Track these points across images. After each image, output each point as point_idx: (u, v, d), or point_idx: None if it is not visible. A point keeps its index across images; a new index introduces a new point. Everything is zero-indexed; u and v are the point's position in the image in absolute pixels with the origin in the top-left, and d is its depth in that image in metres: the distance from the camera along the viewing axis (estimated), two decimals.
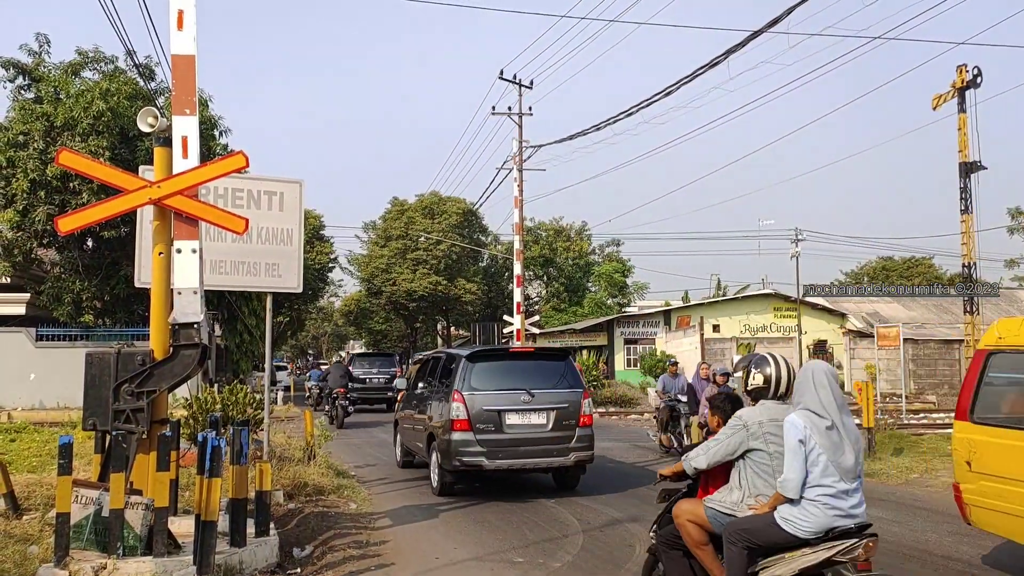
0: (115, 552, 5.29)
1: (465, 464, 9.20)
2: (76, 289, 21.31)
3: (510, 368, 10.14)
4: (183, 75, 6.13)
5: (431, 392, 10.66)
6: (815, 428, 4.01)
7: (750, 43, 17.69)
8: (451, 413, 9.37)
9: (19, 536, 6.48)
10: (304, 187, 9.25)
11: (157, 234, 6.01)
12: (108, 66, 22.47)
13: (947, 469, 11.26)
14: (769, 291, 40.21)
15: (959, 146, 22.45)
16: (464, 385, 9.49)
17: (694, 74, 20.08)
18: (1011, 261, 46.97)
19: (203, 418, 9.82)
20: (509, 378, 9.76)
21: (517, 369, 10.12)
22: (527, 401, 9.40)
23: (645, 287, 54.17)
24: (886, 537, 7.45)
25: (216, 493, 5.44)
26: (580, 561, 6.58)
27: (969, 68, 22.05)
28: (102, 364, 5.77)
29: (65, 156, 6.07)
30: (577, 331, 39.55)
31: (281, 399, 26.77)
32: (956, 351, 32.78)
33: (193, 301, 5.88)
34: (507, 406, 9.33)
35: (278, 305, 32.63)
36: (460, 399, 9.38)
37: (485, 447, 9.20)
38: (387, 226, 46.39)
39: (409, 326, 52.54)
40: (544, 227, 51.95)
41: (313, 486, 9.31)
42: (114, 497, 5.32)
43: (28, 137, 20.04)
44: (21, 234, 20.41)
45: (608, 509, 8.58)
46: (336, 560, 6.53)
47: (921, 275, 55.24)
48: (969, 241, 22.91)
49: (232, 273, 8.92)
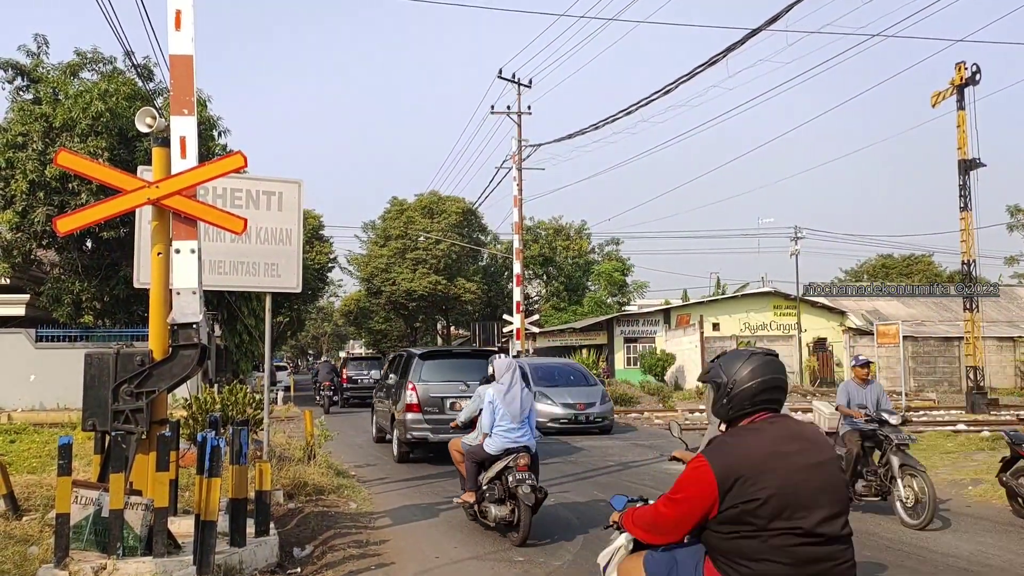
0: (115, 552, 5.29)
1: (415, 437, 11.88)
2: (75, 290, 21.32)
3: (452, 365, 12.63)
4: (181, 75, 6.13)
5: (395, 383, 13.27)
6: (499, 394, 7.31)
7: (749, 41, 17.71)
8: (406, 398, 12.04)
9: (19, 537, 6.47)
10: (303, 187, 9.23)
11: (156, 234, 6.01)
12: (107, 67, 22.48)
13: (947, 466, 11.27)
14: (769, 289, 40.20)
15: (958, 143, 22.47)
16: (416, 377, 12.15)
17: (693, 72, 20.11)
18: (1011, 258, 47.02)
19: (203, 418, 9.81)
20: (451, 372, 12.30)
21: (458, 366, 12.57)
22: (463, 390, 11.71)
23: (645, 286, 54.20)
24: (885, 534, 7.46)
25: (216, 493, 5.44)
26: (580, 560, 6.58)
27: (968, 65, 22.08)
28: (101, 365, 5.76)
29: (64, 157, 6.07)
30: (577, 330, 39.54)
31: (281, 399, 26.74)
32: (956, 348, 32.82)
33: (192, 301, 5.88)
34: (448, 394, 11.94)
35: (278, 305, 32.60)
36: (413, 388, 12.04)
37: (431, 424, 11.76)
38: (386, 226, 46.37)
39: (409, 326, 52.53)
40: (543, 226, 51.94)
41: (313, 486, 9.30)
42: (114, 497, 5.32)
43: (27, 138, 20.04)
44: (20, 235, 20.42)
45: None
46: (336, 560, 6.53)
47: (920, 272, 55.29)
48: (968, 238, 22.93)
49: (231, 273, 8.91)
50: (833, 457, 2.79)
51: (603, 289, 50.48)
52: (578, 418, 16.63)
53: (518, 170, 31.89)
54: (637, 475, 11.29)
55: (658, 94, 22.10)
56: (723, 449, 2.72)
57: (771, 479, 2.60)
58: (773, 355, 2.93)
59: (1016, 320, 38.59)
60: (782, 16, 16.96)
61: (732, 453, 2.68)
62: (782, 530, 2.58)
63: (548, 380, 17.64)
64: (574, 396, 17.00)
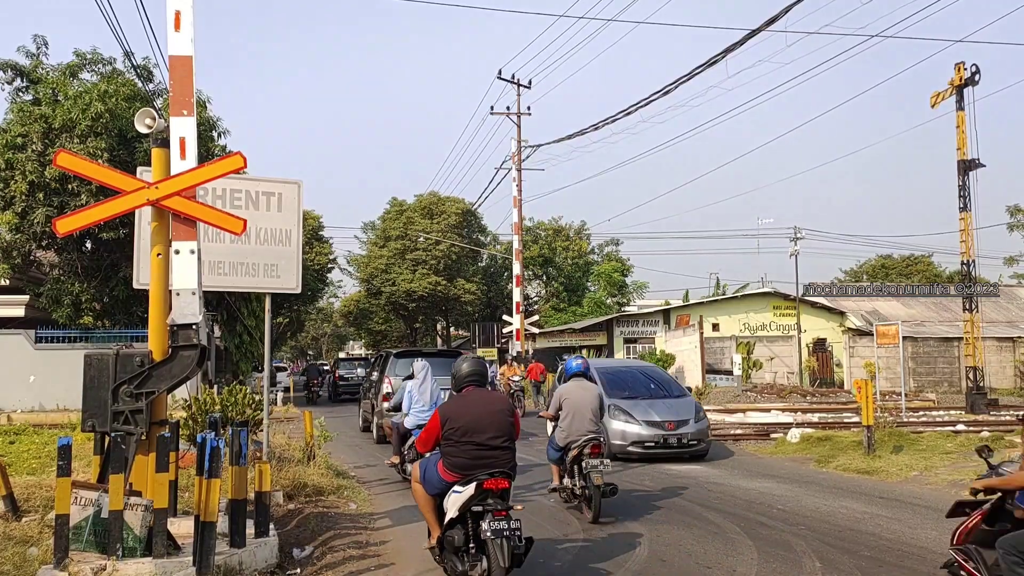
0: (114, 553, 5.29)
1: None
2: (75, 291, 21.31)
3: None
4: (180, 76, 6.13)
5: (376, 378, 16.28)
6: (415, 386, 9.88)
7: (748, 42, 17.71)
8: (383, 389, 14.88)
9: (19, 538, 6.47)
10: (302, 188, 9.24)
11: (155, 235, 6.01)
12: (106, 68, 22.48)
13: (946, 467, 11.27)
14: (768, 290, 40.22)
15: (958, 144, 22.47)
16: (392, 372, 15.29)
17: (692, 73, 20.13)
18: (1010, 258, 47.00)
19: (202, 419, 9.80)
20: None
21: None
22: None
23: (644, 286, 54.22)
24: (885, 535, 7.46)
25: (215, 494, 5.44)
26: (581, 560, 6.59)
27: (967, 66, 22.08)
28: (101, 365, 5.76)
29: (63, 158, 6.07)
30: (576, 330, 39.53)
31: (281, 400, 26.77)
32: (955, 349, 32.81)
33: (192, 302, 5.88)
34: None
35: (277, 306, 32.61)
36: (388, 381, 14.90)
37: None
38: (386, 226, 46.36)
39: (409, 326, 52.51)
40: (543, 227, 51.92)
41: (313, 487, 9.30)
42: (113, 498, 5.32)
43: (26, 139, 20.04)
44: (20, 236, 20.41)
45: (609, 508, 8.58)
46: (336, 560, 6.53)
47: (920, 273, 55.32)
48: (968, 238, 22.93)
49: (231, 274, 8.91)
50: (504, 408, 5.70)
51: (603, 289, 50.48)
52: (668, 441, 12.72)
53: (518, 171, 31.88)
54: (638, 474, 11.24)
55: (658, 94, 22.14)
56: (447, 404, 5.74)
57: (464, 418, 5.51)
58: (479, 358, 6.10)
59: (1015, 320, 38.60)
60: (781, 17, 16.98)
61: (448, 406, 5.68)
62: (466, 441, 5.46)
63: (622, 389, 13.73)
64: (661, 412, 13.03)
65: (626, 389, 13.75)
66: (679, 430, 12.82)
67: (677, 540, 7.28)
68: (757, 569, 6.29)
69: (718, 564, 6.46)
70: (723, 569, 6.31)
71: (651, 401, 13.41)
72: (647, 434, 12.72)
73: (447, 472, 5.48)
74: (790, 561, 6.51)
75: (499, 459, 5.47)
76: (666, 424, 12.83)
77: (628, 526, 7.90)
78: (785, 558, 6.61)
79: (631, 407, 13.06)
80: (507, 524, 5.21)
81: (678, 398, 13.86)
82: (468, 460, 5.43)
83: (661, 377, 14.94)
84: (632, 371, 15.12)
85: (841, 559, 6.57)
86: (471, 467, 5.40)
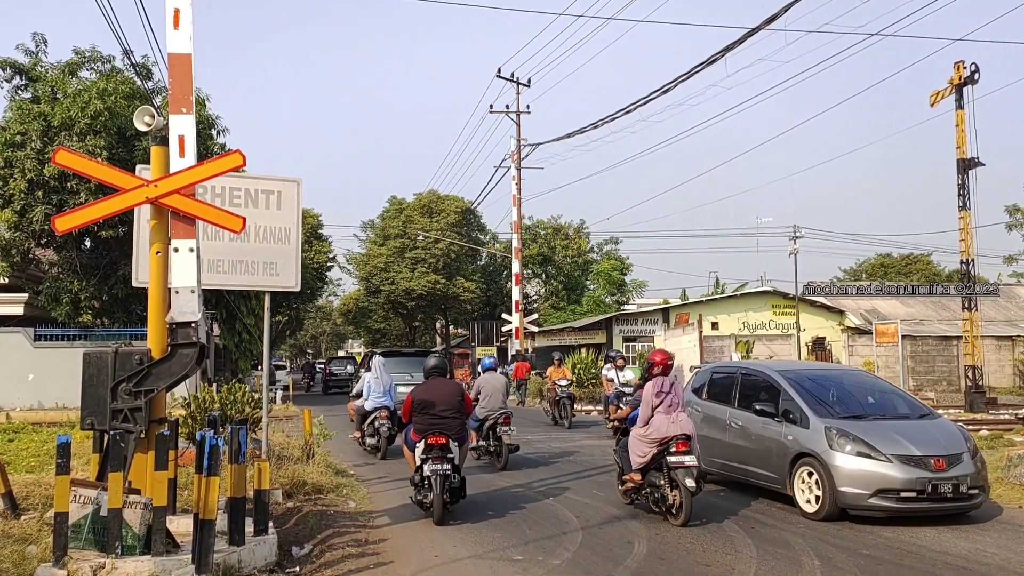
0: (114, 551, 5.29)
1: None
2: (74, 289, 21.29)
3: (403, 361, 18.73)
4: (179, 74, 6.12)
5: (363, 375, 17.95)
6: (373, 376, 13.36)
7: (748, 40, 17.70)
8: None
9: (17, 536, 6.47)
10: (302, 186, 9.21)
11: (154, 233, 6.01)
12: (105, 65, 22.47)
13: None
14: (768, 288, 40.22)
15: (957, 142, 22.46)
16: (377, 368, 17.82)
17: (692, 71, 20.13)
18: (1009, 257, 47.00)
19: (201, 417, 9.81)
20: (402, 366, 17.88)
21: (407, 361, 18.60)
22: (408, 380, 16.22)
23: (643, 285, 54.21)
24: (882, 533, 7.46)
25: (214, 492, 5.44)
26: (579, 558, 6.59)
27: (967, 64, 22.07)
28: (100, 364, 5.75)
29: (62, 155, 6.06)
30: (576, 329, 39.53)
31: (280, 398, 26.75)
32: (954, 347, 32.81)
33: (191, 300, 5.88)
34: (397, 381, 14.64)
35: (276, 304, 32.59)
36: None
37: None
38: (385, 225, 46.35)
39: (408, 325, 52.51)
40: (542, 225, 51.89)
41: (312, 485, 9.30)
42: (112, 496, 5.32)
43: (25, 137, 20.02)
44: (19, 234, 20.40)
45: (607, 507, 8.59)
46: (335, 558, 6.53)
47: (919, 272, 55.35)
48: (967, 237, 22.92)
49: (230, 272, 8.89)
50: (454, 391, 8.46)
51: (602, 288, 50.46)
52: (939, 489, 7.68)
53: (517, 169, 31.88)
54: None
55: (657, 93, 22.17)
56: (416, 388, 8.53)
57: (425, 397, 8.31)
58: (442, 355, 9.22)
59: (1015, 319, 38.62)
60: (780, 16, 16.98)
61: (416, 389, 8.50)
62: (424, 413, 8.24)
63: (836, 405, 8.83)
64: (919, 442, 7.99)
65: (841, 404, 8.85)
66: (951, 471, 7.80)
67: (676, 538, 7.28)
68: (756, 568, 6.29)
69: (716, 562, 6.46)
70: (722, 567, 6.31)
71: (891, 423, 8.48)
72: (902, 478, 7.68)
73: (415, 434, 8.26)
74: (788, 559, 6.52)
75: (446, 426, 8.18)
76: (932, 461, 7.80)
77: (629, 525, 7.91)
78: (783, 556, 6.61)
79: (866, 432, 8.07)
80: (441, 467, 7.81)
81: (923, 419, 8.78)
82: (424, 426, 8.18)
83: (879, 386, 9.77)
84: (837, 377, 9.92)
85: (840, 557, 6.58)
86: (426, 430, 8.10)
